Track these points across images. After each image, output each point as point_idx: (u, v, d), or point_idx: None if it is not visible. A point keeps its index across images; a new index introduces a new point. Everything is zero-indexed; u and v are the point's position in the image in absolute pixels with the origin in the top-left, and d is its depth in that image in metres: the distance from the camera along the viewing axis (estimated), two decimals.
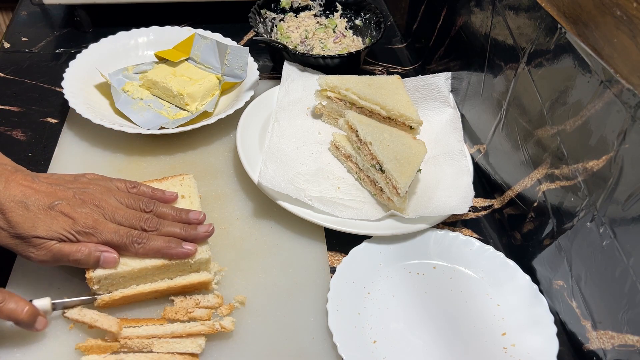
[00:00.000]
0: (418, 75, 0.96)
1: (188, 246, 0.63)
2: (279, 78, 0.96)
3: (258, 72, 0.95)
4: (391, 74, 0.98)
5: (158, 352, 0.59)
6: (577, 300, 0.63)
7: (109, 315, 0.61)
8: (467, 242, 0.74)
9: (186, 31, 1.01)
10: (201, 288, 0.66)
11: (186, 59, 0.96)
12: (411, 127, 0.88)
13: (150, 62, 0.97)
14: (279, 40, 1.02)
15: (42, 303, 0.60)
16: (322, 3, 1.10)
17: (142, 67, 0.96)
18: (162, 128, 0.84)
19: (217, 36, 1.01)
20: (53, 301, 0.61)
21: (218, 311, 0.65)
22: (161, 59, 0.97)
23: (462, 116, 0.91)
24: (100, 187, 0.65)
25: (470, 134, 0.89)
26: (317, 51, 1.04)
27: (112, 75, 0.92)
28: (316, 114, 0.94)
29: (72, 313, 0.61)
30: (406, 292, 0.70)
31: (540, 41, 0.67)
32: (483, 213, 0.83)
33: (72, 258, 0.60)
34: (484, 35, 0.82)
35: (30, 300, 0.59)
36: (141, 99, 0.92)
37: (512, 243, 0.77)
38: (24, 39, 1.06)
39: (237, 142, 0.81)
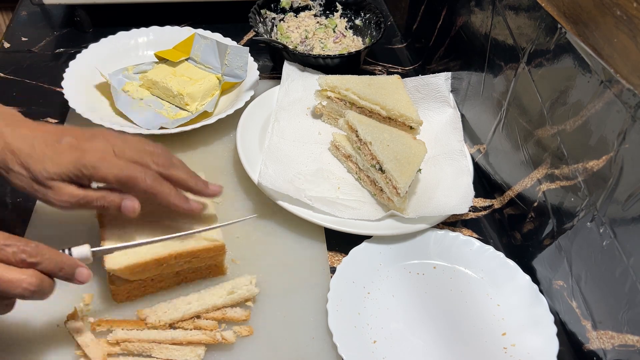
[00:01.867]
0: (418, 75, 0.96)
1: (194, 204, 0.62)
2: (279, 78, 0.96)
3: (258, 72, 0.95)
4: (391, 74, 0.98)
5: (157, 358, 0.59)
6: (577, 300, 0.63)
7: (100, 343, 0.59)
8: (467, 242, 0.74)
9: (186, 31, 1.01)
10: (214, 258, 0.65)
11: (186, 59, 0.96)
12: (411, 127, 0.88)
13: (150, 62, 0.97)
14: (279, 40, 1.02)
15: (81, 251, 0.56)
16: (322, 3, 1.10)
17: (142, 67, 0.96)
18: (162, 128, 0.84)
19: (217, 36, 1.01)
20: (92, 249, 0.57)
21: (238, 330, 0.63)
22: (161, 59, 0.97)
23: (462, 116, 0.91)
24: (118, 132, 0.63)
25: (470, 134, 0.89)
26: (317, 51, 1.04)
27: (112, 75, 0.92)
28: (316, 114, 0.94)
29: (71, 325, 0.60)
30: (406, 292, 0.70)
31: (540, 41, 0.67)
32: (483, 213, 0.83)
33: (96, 204, 0.58)
34: (484, 35, 0.82)
35: (69, 249, 0.56)
36: (141, 99, 0.92)
37: (512, 243, 0.77)
38: (24, 39, 1.06)
39: (237, 142, 0.81)
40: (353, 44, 1.07)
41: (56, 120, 0.89)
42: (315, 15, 1.11)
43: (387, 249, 0.73)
